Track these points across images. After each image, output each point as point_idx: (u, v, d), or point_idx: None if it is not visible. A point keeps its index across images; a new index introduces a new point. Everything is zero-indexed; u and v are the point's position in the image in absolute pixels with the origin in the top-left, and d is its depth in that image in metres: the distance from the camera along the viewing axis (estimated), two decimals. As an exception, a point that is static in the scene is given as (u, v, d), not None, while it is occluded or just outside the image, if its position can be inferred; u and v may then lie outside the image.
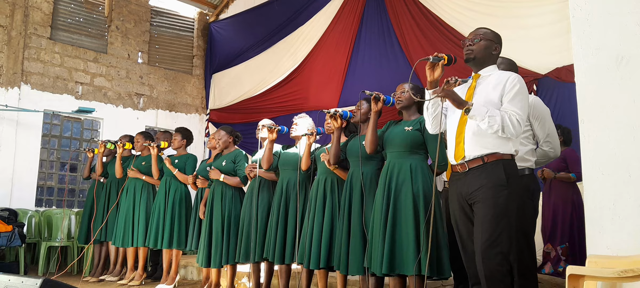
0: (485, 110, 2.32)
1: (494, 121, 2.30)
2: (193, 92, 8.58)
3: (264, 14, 7.80)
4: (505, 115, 2.32)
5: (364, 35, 7.07)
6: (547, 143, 3.14)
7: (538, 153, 3.16)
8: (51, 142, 7.06)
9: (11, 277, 2.38)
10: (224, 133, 4.47)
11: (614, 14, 2.23)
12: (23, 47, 6.71)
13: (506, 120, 2.31)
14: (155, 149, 5.04)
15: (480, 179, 2.37)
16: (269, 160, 3.92)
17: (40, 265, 5.73)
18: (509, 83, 2.39)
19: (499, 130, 2.31)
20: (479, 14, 5.38)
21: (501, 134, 2.33)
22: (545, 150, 3.15)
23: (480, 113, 2.31)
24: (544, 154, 3.17)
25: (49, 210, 6.47)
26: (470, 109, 2.32)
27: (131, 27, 7.89)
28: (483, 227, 2.31)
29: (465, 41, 2.54)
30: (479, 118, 2.32)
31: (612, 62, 2.20)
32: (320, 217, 3.46)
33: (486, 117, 2.30)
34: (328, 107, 3.93)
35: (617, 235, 2.10)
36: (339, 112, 3.38)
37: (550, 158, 3.22)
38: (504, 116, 2.32)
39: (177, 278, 4.92)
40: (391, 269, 2.77)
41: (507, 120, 2.31)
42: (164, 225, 4.84)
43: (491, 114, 2.31)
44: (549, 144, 3.14)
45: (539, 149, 3.16)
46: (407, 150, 2.94)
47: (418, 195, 2.82)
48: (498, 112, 2.33)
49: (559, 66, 4.95)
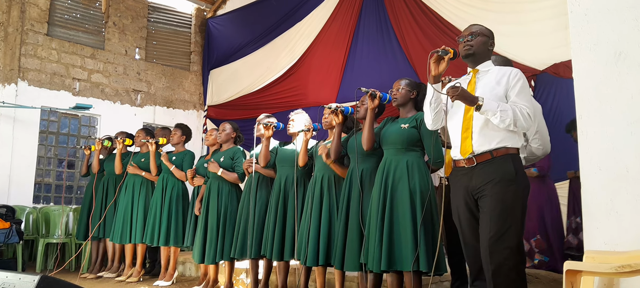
0: (497, 104, 2.33)
1: (506, 115, 2.31)
2: (191, 88, 8.56)
3: (261, 10, 7.78)
4: (516, 108, 2.33)
5: (362, 31, 7.05)
6: (536, 140, 3.12)
7: (527, 150, 3.14)
8: (49, 139, 7.04)
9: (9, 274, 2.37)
10: (228, 127, 4.46)
11: (612, 10, 2.23)
12: (20, 44, 6.68)
13: (518, 114, 2.32)
14: (153, 145, 5.03)
15: (489, 173, 2.37)
16: (266, 157, 3.91)
17: (38, 262, 5.72)
18: (512, 77, 2.41)
19: (511, 124, 2.32)
20: (477, 10, 5.37)
21: (513, 127, 2.34)
22: (534, 148, 3.14)
23: (492, 108, 2.32)
24: (533, 151, 3.15)
25: (47, 206, 6.46)
26: (481, 105, 2.32)
27: (128, 23, 7.86)
28: (491, 222, 2.31)
29: (462, 38, 2.54)
30: (491, 113, 2.32)
31: (610, 58, 2.21)
32: (318, 213, 3.45)
33: (498, 111, 2.31)
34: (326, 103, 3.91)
35: (615, 231, 2.11)
36: (341, 107, 3.37)
37: (539, 156, 3.20)
38: (515, 110, 2.33)
39: (175, 274, 4.92)
40: (389, 266, 2.78)
41: (518, 114, 2.32)
42: (161, 222, 4.84)
43: (503, 108, 2.32)
44: (538, 140, 3.12)
45: (528, 146, 3.15)
46: (404, 147, 2.94)
47: (415, 191, 2.82)
48: (509, 106, 2.34)
49: (557, 62, 4.94)
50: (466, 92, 2.37)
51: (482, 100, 2.32)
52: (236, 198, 4.30)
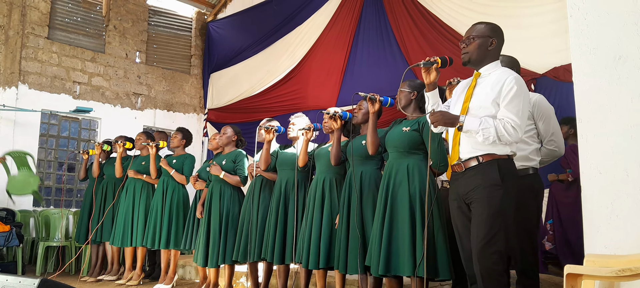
0: (478, 122, 2.31)
1: (488, 133, 2.30)
2: (191, 91, 8.57)
3: (262, 14, 7.79)
4: (498, 124, 2.30)
5: (362, 35, 7.06)
6: (552, 141, 3.10)
7: (542, 152, 3.14)
8: (49, 142, 7.05)
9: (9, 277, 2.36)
10: (230, 130, 4.49)
11: (611, 14, 2.24)
12: (20, 47, 6.69)
13: (501, 130, 2.29)
14: (153, 149, 5.03)
15: (475, 179, 2.37)
16: (267, 160, 3.92)
17: (38, 265, 5.71)
18: (506, 86, 2.34)
19: (495, 140, 2.31)
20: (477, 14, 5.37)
21: (498, 143, 2.33)
22: (549, 149, 3.13)
23: (473, 127, 2.32)
24: (548, 153, 3.14)
25: (47, 210, 6.45)
26: (462, 126, 2.34)
27: (129, 27, 7.88)
28: (479, 227, 2.32)
29: (462, 43, 2.53)
30: (473, 132, 2.33)
31: (610, 62, 2.21)
32: (319, 216, 3.45)
33: (480, 130, 2.30)
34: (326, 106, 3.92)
35: (615, 234, 2.11)
36: (339, 112, 3.37)
37: (555, 157, 3.20)
38: (498, 125, 2.30)
39: (175, 278, 4.91)
40: (387, 270, 2.77)
41: (502, 129, 2.29)
42: (162, 225, 4.83)
43: (485, 127, 2.30)
44: (554, 142, 3.12)
45: (543, 148, 3.14)
46: (405, 150, 2.93)
47: (415, 196, 2.81)
48: (491, 121, 2.31)
49: (557, 65, 4.95)
50: (446, 115, 2.39)
51: (462, 121, 2.34)
52: (238, 202, 4.30)
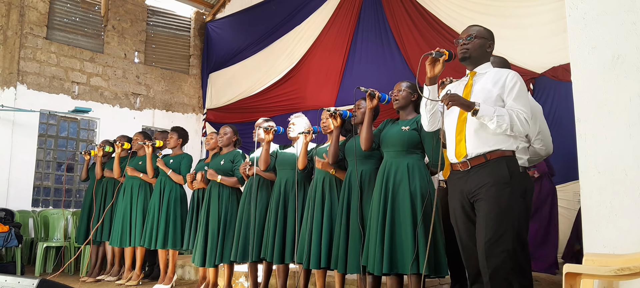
0: (493, 109, 2.31)
1: (502, 120, 2.29)
2: (190, 91, 8.57)
3: (260, 14, 7.80)
4: (512, 113, 2.31)
5: (360, 35, 7.07)
6: (539, 140, 3.12)
7: (530, 151, 3.14)
8: (48, 142, 7.04)
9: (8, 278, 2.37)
10: (229, 130, 4.47)
11: (610, 13, 2.24)
12: (19, 47, 6.69)
13: (514, 119, 2.31)
14: (150, 148, 5.02)
15: (483, 177, 2.36)
16: (266, 161, 3.91)
17: (37, 266, 5.70)
18: (509, 81, 2.38)
19: (508, 129, 2.30)
20: (475, 13, 5.39)
21: (510, 132, 2.32)
22: (537, 148, 3.14)
23: (488, 113, 2.30)
24: (536, 152, 3.15)
25: (46, 210, 6.45)
26: (478, 110, 2.31)
27: (128, 27, 7.87)
28: (487, 225, 2.30)
29: (459, 40, 2.53)
30: (487, 118, 2.30)
31: (609, 61, 2.21)
32: (319, 216, 3.45)
33: (495, 116, 2.29)
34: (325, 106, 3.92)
35: (614, 233, 2.11)
36: (339, 111, 3.37)
37: (542, 156, 3.20)
38: (512, 114, 2.31)
39: (174, 278, 4.91)
40: (390, 268, 2.78)
41: (515, 119, 2.31)
42: (159, 225, 4.82)
43: (499, 114, 2.30)
44: (541, 141, 3.13)
45: (531, 147, 3.15)
46: (404, 149, 2.94)
47: (415, 194, 2.82)
48: (505, 111, 2.32)
49: (555, 65, 4.97)
50: (460, 97, 2.35)
51: (478, 105, 2.31)
52: (237, 202, 4.29)
